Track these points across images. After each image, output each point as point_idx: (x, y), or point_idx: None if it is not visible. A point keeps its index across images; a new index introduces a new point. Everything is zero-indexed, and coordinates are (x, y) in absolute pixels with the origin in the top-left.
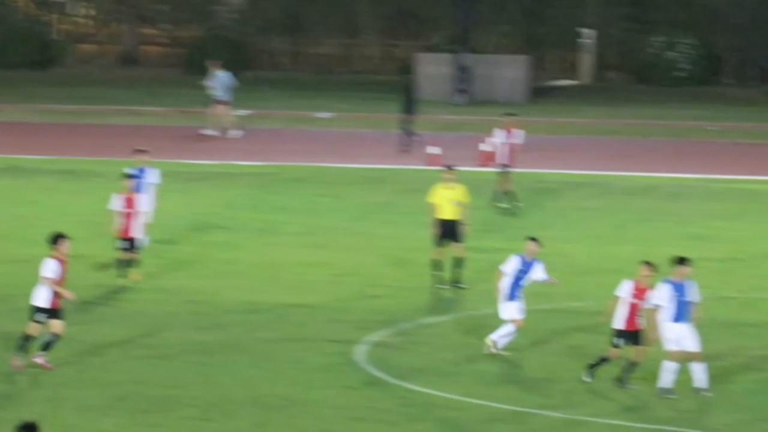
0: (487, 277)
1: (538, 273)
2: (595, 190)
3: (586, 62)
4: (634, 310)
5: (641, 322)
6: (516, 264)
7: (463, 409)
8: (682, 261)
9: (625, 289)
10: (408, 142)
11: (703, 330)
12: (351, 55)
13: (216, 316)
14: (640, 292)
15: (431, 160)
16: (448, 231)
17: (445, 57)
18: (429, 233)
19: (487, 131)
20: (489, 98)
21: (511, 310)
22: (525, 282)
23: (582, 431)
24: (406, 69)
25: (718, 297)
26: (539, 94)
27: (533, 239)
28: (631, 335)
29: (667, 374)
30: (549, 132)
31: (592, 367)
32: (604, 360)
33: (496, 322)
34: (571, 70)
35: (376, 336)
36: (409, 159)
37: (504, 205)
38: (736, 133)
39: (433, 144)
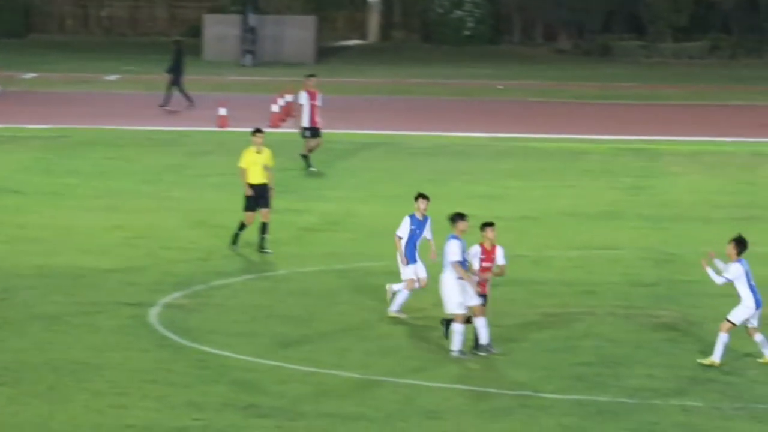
0: (279, 238)
1: (428, 231)
2: (385, 150)
3: (373, 22)
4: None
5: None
6: (409, 225)
7: (257, 370)
8: (460, 217)
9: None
10: (170, 102)
11: (497, 288)
12: (139, 18)
13: (7, 280)
14: None
15: (220, 121)
16: (258, 195)
17: (233, 18)
18: (221, 195)
19: (275, 92)
20: (276, 59)
21: (408, 273)
22: (419, 241)
23: (376, 391)
24: (194, 30)
25: (510, 255)
26: (326, 54)
27: (423, 196)
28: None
29: (457, 336)
30: (336, 92)
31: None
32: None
33: (290, 284)
34: (360, 31)
35: (170, 298)
36: (199, 121)
37: (314, 168)
38: (523, 91)
39: (223, 105)
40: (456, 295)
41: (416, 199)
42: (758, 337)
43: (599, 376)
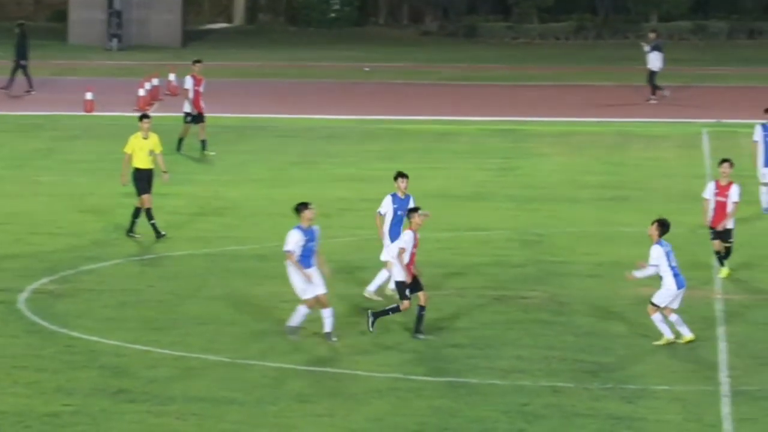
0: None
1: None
2: (253, 133)
3: (239, 5)
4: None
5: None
6: (391, 204)
7: (127, 355)
8: (304, 206)
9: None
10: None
11: (368, 271)
12: (4, 2)
13: None
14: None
15: (87, 106)
16: (145, 181)
17: (99, 2)
18: (90, 179)
19: (142, 76)
20: (142, 42)
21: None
22: (402, 219)
23: (246, 374)
24: (59, 15)
25: (378, 238)
26: (192, 37)
27: (402, 174)
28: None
29: (298, 316)
30: (203, 75)
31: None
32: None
33: (159, 268)
34: (226, 14)
35: (39, 284)
36: (65, 105)
37: (211, 153)
38: (390, 73)
39: (89, 90)
40: (300, 282)
41: (396, 178)
42: (673, 317)
43: (470, 357)
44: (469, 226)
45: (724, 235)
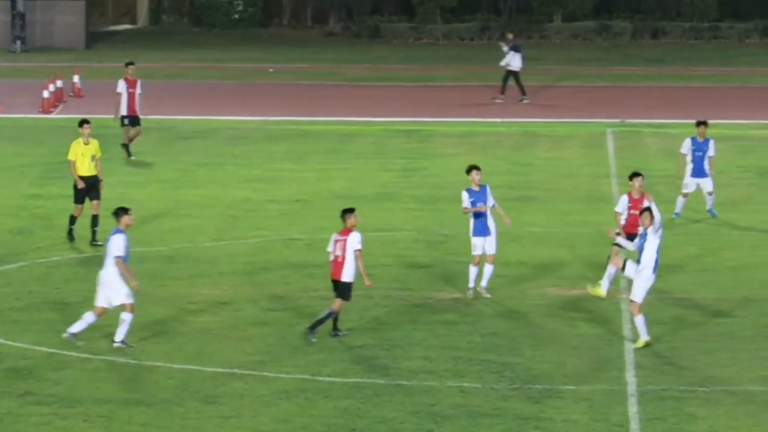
0: (55, 224)
1: (490, 199)
2: (158, 134)
3: (143, 6)
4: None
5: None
6: (468, 198)
7: (33, 357)
8: (124, 211)
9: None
10: None
11: (274, 272)
12: None
13: None
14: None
15: None
16: (89, 187)
17: (2, 4)
18: None
19: (46, 77)
20: (46, 44)
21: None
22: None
23: (152, 376)
24: None
25: (284, 239)
26: (96, 39)
27: (474, 167)
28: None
29: (124, 326)
30: (107, 77)
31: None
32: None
33: (65, 270)
34: (130, 15)
35: None
36: None
37: (133, 158)
38: (294, 74)
39: None
40: (124, 286)
41: (468, 172)
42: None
43: (377, 358)
44: (374, 227)
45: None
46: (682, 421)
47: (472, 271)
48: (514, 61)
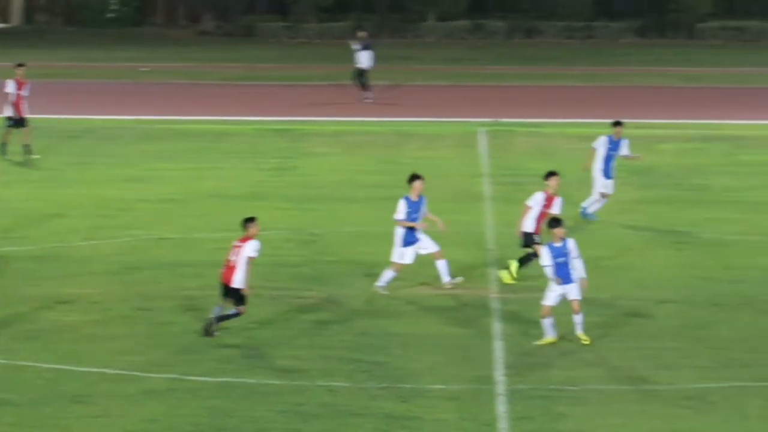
0: None
1: (425, 209)
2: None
3: (16, 5)
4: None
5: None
6: (405, 207)
7: None
8: None
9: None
10: None
11: (144, 272)
12: None
13: None
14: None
15: None
16: None
17: None
18: None
19: None
20: None
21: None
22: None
23: (20, 376)
24: None
25: (155, 238)
26: None
27: (417, 176)
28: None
29: None
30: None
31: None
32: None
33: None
34: (3, 14)
35: None
36: None
37: (36, 156)
38: (168, 73)
39: None
40: None
41: (410, 181)
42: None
43: (246, 357)
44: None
45: (528, 240)
46: (551, 420)
47: (389, 274)
48: (363, 59)
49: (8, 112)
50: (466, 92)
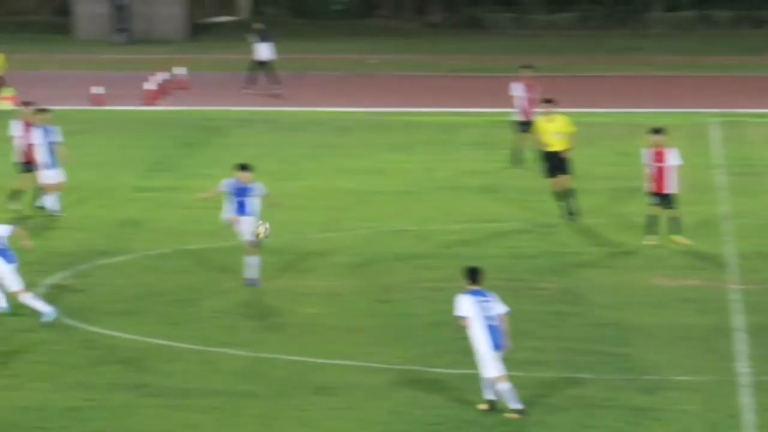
0: (159, 216)
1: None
2: (263, 126)
3: None
4: None
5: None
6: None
7: (145, 349)
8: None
9: None
10: None
11: (382, 264)
12: None
13: None
14: None
15: (96, 99)
16: None
17: None
18: (101, 173)
19: (149, 69)
20: (148, 36)
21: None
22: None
23: (265, 368)
24: (63, 8)
25: (393, 230)
26: (199, 31)
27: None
28: None
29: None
30: (211, 69)
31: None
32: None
33: (174, 262)
34: (230, 7)
35: (55, 278)
36: (72, 100)
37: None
38: (396, 65)
39: (97, 84)
40: None
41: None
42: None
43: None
44: (481, 218)
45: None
46: None
47: None
48: (262, 51)
49: (17, 157)
50: (693, 82)
